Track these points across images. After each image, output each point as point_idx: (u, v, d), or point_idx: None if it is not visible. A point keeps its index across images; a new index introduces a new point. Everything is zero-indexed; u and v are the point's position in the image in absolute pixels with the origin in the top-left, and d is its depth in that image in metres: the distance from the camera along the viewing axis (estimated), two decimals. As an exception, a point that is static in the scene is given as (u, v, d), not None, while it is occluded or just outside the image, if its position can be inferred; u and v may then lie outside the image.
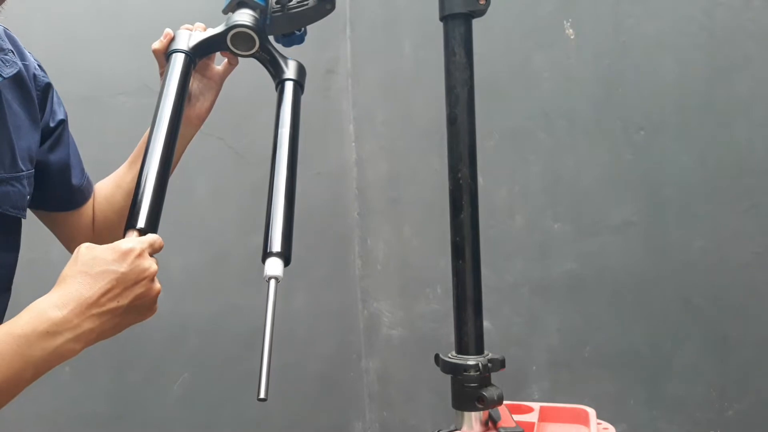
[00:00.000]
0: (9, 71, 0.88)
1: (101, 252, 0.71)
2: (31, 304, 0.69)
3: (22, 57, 0.93)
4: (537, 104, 1.81)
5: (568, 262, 1.77)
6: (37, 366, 0.67)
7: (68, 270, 0.71)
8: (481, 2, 0.88)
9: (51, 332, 0.66)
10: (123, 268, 0.71)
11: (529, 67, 1.82)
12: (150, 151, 0.84)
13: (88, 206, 1.06)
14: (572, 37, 1.74)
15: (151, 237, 0.77)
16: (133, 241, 0.74)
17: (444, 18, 0.90)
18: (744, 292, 1.54)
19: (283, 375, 2.00)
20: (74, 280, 0.69)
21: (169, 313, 1.83)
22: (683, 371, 1.62)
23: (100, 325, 0.70)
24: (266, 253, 0.80)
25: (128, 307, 0.72)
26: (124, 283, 0.71)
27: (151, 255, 0.75)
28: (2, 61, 0.88)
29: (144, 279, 0.73)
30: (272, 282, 0.77)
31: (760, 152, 1.51)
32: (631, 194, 1.67)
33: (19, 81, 0.91)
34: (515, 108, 1.84)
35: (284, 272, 0.79)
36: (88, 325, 0.69)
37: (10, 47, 0.91)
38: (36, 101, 0.94)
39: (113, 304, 0.70)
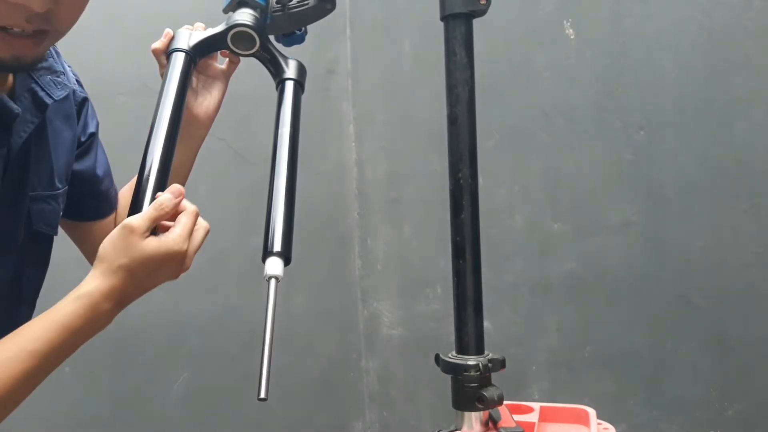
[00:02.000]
0: (60, 94, 0.89)
1: (152, 256, 0.73)
2: (80, 291, 0.72)
3: (64, 72, 0.93)
4: (537, 104, 1.81)
5: (568, 262, 1.77)
6: (80, 346, 0.76)
7: (119, 258, 0.73)
8: (482, 2, 0.88)
9: (99, 322, 0.74)
10: (168, 268, 0.76)
11: (529, 66, 1.82)
12: (150, 148, 0.84)
13: (113, 217, 1.06)
14: (572, 37, 1.74)
15: (188, 225, 0.78)
16: (179, 241, 0.76)
17: (445, 18, 0.90)
18: (744, 292, 1.54)
19: (283, 375, 1.99)
20: (124, 276, 0.73)
21: (169, 313, 1.82)
22: (683, 371, 1.62)
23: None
24: (266, 253, 0.80)
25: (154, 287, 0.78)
26: (163, 279, 0.77)
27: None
28: (54, 83, 0.89)
29: (178, 274, 0.78)
30: (272, 281, 0.77)
31: (760, 152, 1.51)
32: (631, 194, 1.67)
33: (64, 101, 0.92)
34: (515, 108, 1.84)
35: (284, 272, 0.79)
36: (126, 304, 0.77)
37: (62, 69, 0.92)
38: (75, 117, 0.95)
39: (149, 288, 0.78)
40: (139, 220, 0.74)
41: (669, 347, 1.63)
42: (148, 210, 0.75)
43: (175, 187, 0.78)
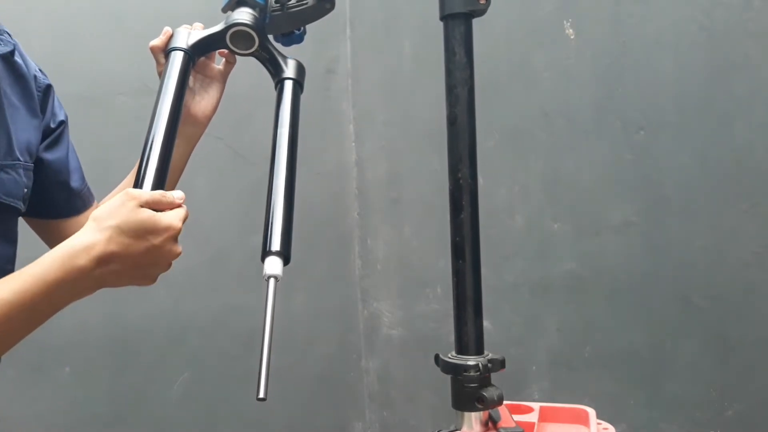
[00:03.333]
0: (3, 49, 0.89)
1: (145, 220, 0.73)
2: (62, 245, 0.71)
3: (23, 59, 0.94)
4: (537, 104, 1.81)
5: (568, 262, 1.77)
6: (58, 307, 0.73)
7: (110, 219, 0.72)
8: (482, 2, 0.88)
9: (75, 276, 0.71)
10: (157, 241, 0.73)
11: (529, 66, 1.82)
12: (149, 146, 0.84)
13: (87, 216, 1.05)
14: (572, 37, 1.74)
15: (185, 212, 0.77)
16: (174, 218, 0.75)
17: (444, 18, 0.90)
18: (744, 292, 1.54)
19: (283, 375, 1.99)
20: (110, 235, 0.71)
21: (169, 313, 1.83)
22: (683, 371, 1.62)
23: (117, 278, 0.74)
24: (265, 252, 0.80)
25: (144, 274, 0.76)
26: (149, 257, 0.74)
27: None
28: None
29: (168, 259, 0.76)
30: (271, 281, 0.76)
31: (760, 152, 1.51)
32: (631, 194, 1.67)
33: (12, 69, 0.91)
34: (515, 108, 1.84)
35: (284, 272, 0.79)
36: (109, 277, 0.73)
37: (6, 30, 0.92)
38: (36, 99, 0.95)
39: (133, 270, 0.74)
40: (140, 191, 0.75)
41: (669, 347, 1.63)
42: (153, 192, 0.76)
43: (180, 192, 0.79)
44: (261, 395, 0.69)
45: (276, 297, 0.75)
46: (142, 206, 0.73)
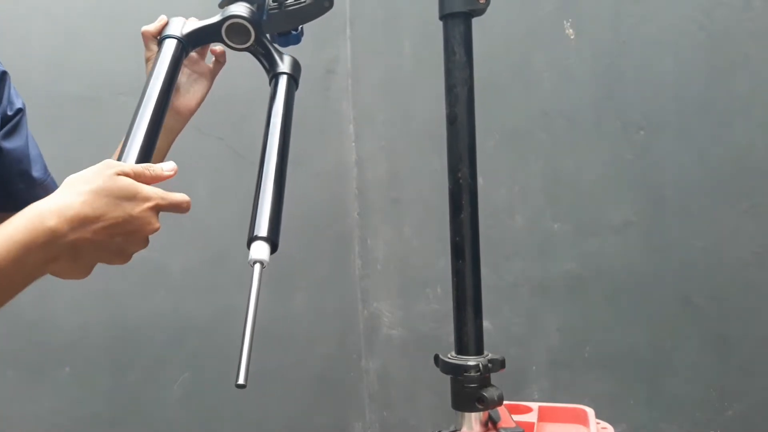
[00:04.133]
0: None
1: (125, 186, 0.69)
2: (33, 208, 0.67)
3: None
4: (537, 104, 1.80)
5: (568, 262, 1.77)
6: (30, 274, 0.68)
7: (84, 185, 0.68)
8: (481, 1, 0.88)
9: (43, 238, 0.65)
10: (135, 211, 0.69)
11: (529, 66, 1.82)
12: (135, 124, 0.83)
13: None
14: (572, 37, 1.74)
15: (177, 198, 0.74)
16: (156, 193, 0.71)
17: (444, 17, 0.90)
18: (744, 292, 1.53)
19: (283, 375, 1.99)
20: (84, 200, 0.67)
21: (169, 313, 1.82)
22: (683, 371, 1.61)
23: (91, 248, 0.69)
24: (252, 237, 0.78)
25: (119, 248, 0.71)
26: (125, 225, 0.69)
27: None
28: None
29: (145, 232, 0.71)
30: (257, 266, 0.75)
31: (760, 152, 1.51)
32: (631, 194, 1.67)
33: None
34: (515, 108, 1.84)
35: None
36: (82, 245, 0.68)
37: None
38: None
39: (108, 240, 0.69)
40: (121, 162, 0.72)
41: (669, 347, 1.63)
42: (136, 164, 0.73)
43: (171, 163, 0.76)
44: (240, 381, 0.68)
45: (261, 283, 0.73)
46: (121, 175, 0.69)
